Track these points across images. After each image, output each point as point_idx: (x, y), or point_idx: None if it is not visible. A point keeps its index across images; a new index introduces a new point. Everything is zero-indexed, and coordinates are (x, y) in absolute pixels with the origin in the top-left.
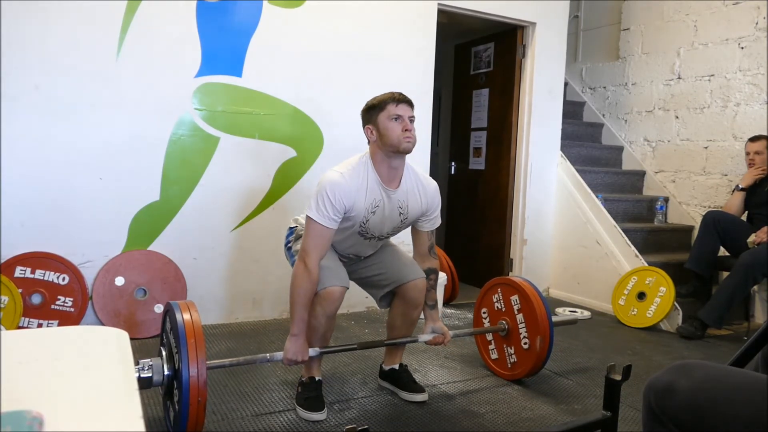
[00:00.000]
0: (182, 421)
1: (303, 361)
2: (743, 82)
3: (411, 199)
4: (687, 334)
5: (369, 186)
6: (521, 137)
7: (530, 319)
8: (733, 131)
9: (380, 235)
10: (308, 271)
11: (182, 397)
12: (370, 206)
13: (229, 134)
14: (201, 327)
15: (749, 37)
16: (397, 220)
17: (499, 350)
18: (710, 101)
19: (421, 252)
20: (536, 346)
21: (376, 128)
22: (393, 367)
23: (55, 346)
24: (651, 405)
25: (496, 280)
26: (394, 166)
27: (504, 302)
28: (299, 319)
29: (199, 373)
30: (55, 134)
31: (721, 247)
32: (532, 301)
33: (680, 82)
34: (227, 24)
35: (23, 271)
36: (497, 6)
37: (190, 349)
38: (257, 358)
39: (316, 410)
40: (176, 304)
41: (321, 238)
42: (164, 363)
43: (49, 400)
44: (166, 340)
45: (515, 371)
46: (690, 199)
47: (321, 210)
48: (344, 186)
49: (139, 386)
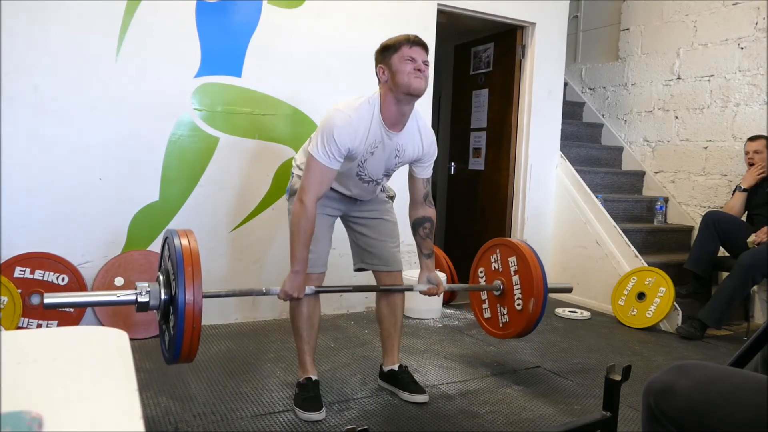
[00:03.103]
0: (177, 345)
1: (299, 298)
2: (743, 82)
3: (409, 145)
4: (686, 334)
5: (372, 127)
6: (521, 138)
7: (526, 281)
8: (732, 131)
9: (377, 179)
10: (305, 209)
11: (177, 322)
12: (370, 147)
13: (229, 134)
14: (198, 253)
15: (749, 38)
16: (392, 162)
17: (493, 309)
18: (710, 101)
19: (417, 199)
20: (529, 308)
21: (388, 68)
22: (392, 368)
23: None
24: (650, 405)
25: (495, 240)
26: (402, 111)
27: (501, 263)
28: (300, 258)
29: (195, 298)
30: (55, 134)
31: (721, 247)
32: (530, 263)
33: (680, 83)
34: (227, 24)
35: (23, 271)
36: (497, 6)
37: (187, 274)
38: (253, 291)
39: (314, 410)
40: (175, 231)
41: (321, 176)
42: (161, 288)
43: (49, 401)
44: (164, 267)
45: (507, 330)
46: (689, 199)
47: (325, 150)
48: (350, 128)
49: (137, 309)
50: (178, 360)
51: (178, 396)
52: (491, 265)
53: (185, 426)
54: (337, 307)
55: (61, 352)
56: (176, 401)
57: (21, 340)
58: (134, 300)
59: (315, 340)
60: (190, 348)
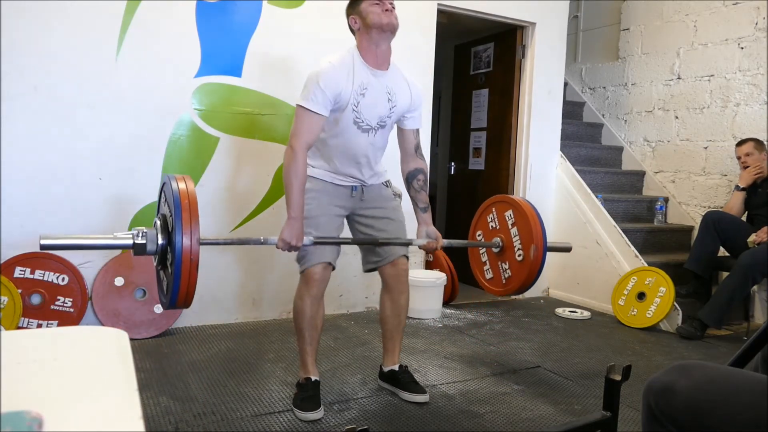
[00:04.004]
0: (174, 290)
1: (297, 247)
2: (743, 82)
3: (398, 88)
4: (687, 334)
5: (356, 70)
6: (521, 137)
7: (524, 229)
8: (732, 131)
9: (375, 125)
10: (295, 154)
11: (175, 265)
12: (359, 88)
13: (229, 134)
14: (196, 198)
15: (749, 38)
16: (386, 107)
17: (494, 268)
18: (710, 101)
19: (408, 151)
20: (530, 255)
21: (359, 15)
22: (393, 368)
23: (54, 346)
24: (650, 405)
25: (492, 199)
26: (381, 48)
27: (498, 220)
28: (296, 203)
29: (192, 241)
30: (55, 134)
31: (721, 247)
32: (526, 212)
33: (680, 83)
34: (227, 24)
35: (23, 271)
36: (497, 6)
37: (185, 217)
38: (251, 240)
39: (311, 410)
40: (173, 176)
41: (310, 123)
42: (159, 233)
43: (49, 401)
44: (161, 213)
45: (509, 286)
46: (690, 199)
47: (312, 97)
48: (333, 72)
49: (134, 252)
50: (175, 304)
51: (178, 396)
52: (488, 225)
53: (185, 426)
54: (337, 306)
55: (61, 352)
56: (176, 401)
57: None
58: (131, 244)
59: (317, 342)
60: (188, 293)
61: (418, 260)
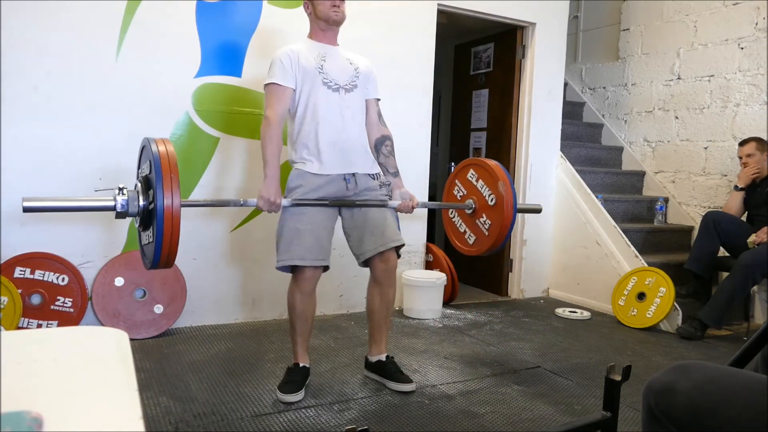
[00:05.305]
0: (156, 250)
1: (276, 207)
2: (743, 82)
3: (354, 57)
4: (687, 334)
5: (311, 46)
6: (521, 138)
7: (486, 176)
8: (732, 131)
9: (344, 84)
10: (269, 121)
11: (156, 226)
12: (317, 56)
13: (229, 134)
14: (176, 160)
15: (749, 38)
16: (350, 70)
17: (473, 228)
18: (710, 102)
19: (372, 120)
20: (500, 191)
21: (311, 3)
22: (380, 358)
23: (54, 346)
24: (650, 406)
25: (452, 173)
26: (328, 36)
27: (464, 185)
28: (271, 162)
29: (173, 201)
30: (55, 134)
31: (721, 247)
32: (483, 163)
33: (680, 83)
34: (227, 24)
35: (23, 271)
36: (497, 6)
37: (165, 181)
38: (231, 201)
39: (290, 392)
40: (152, 139)
41: (279, 94)
42: (139, 195)
43: (49, 401)
44: (141, 176)
45: (491, 233)
46: (690, 199)
47: (274, 73)
48: (289, 50)
49: (116, 215)
50: (158, 264)
51: (178, 396)
52: (456, 196)
53: (185, 426)
54: (338, 307)
55: (61, 352)
56: (176, 401)
57: (21, 340)
58: (113, 206)
59: (308, 333)
60: (170, 253)
61: (418, 260)
